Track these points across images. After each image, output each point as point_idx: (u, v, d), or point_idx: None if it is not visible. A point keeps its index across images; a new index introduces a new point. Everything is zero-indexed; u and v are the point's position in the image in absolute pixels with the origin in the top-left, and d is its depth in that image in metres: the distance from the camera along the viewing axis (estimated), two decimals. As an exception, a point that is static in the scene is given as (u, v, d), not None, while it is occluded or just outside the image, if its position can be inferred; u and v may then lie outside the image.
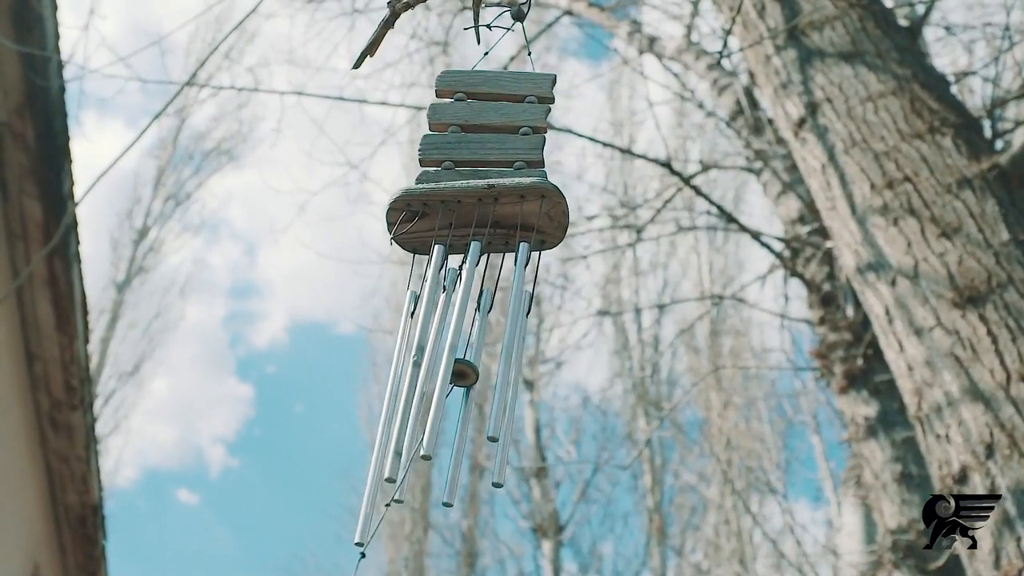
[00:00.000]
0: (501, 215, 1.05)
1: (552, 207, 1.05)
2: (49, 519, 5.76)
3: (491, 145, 1.10)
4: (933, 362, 2.44)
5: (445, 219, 1.05)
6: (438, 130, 1.11)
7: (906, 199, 2.65)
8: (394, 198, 1.06)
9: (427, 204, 1.06)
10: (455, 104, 1.12)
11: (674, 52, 6.26)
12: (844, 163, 2.83)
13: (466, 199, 1.05)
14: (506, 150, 1.09)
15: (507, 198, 1.05)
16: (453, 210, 1.05)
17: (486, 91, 1.13)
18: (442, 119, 1.11)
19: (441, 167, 1.08)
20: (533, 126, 1.10)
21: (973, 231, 2.52)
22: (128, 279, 13.45)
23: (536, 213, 1.05)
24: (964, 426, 2.32)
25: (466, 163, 1.08)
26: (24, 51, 4.41)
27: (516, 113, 1.12)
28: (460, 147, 1.10)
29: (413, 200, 1.06)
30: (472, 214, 1.05)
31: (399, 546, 12.58)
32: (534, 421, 11.80)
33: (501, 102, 1.13)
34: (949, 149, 2.70)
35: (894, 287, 2.59)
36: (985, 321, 2.38)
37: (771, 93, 3.22)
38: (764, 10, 3.29)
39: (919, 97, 2.85)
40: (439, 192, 1.04)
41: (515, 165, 1.08)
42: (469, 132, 1.11)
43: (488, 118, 1.12)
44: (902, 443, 4.18)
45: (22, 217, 4.89)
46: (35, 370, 5.27)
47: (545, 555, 11.21)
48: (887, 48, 3.02)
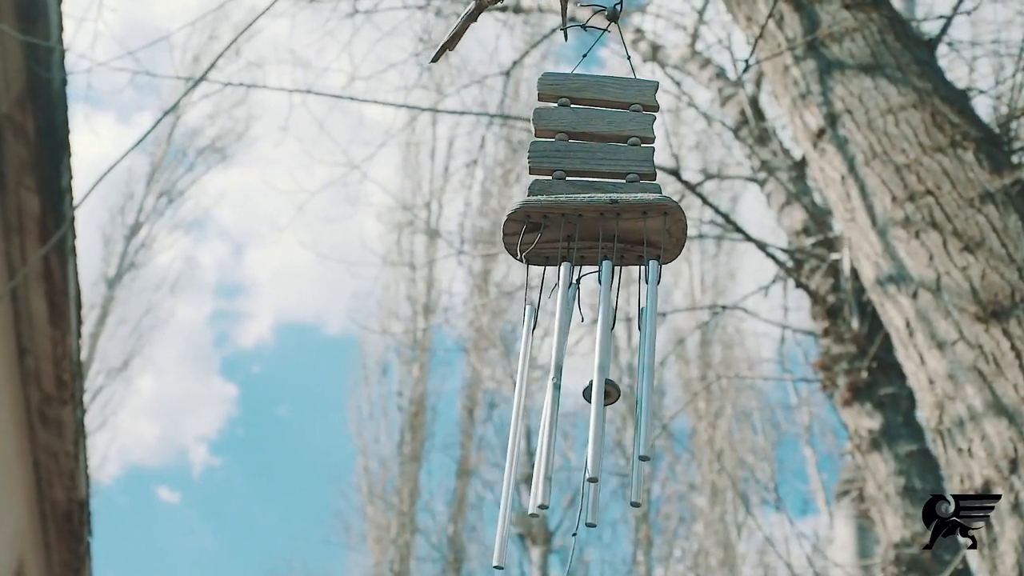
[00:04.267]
0: (621, 230, 1.04)
1: (673, 224, 1.04)
2: (35, 515, 5.70)
3: (601, 155, 1.08)
4: (955, 376, 2.43)
5: (564, 232, 1.03)
6: (544, 136, 1.08)
7: (928, 212, 2.65)
8: (514, 209, 1.04)
9: (547, 216, 1.04)
10: (560, 110, 1.10)
11: (678, 61, 6.26)
12: (865, 175, 2.83)
13: (588, 213, 1.03)
14: (618, 161, 1.07)
15: (629, 213, 1.03)
16: (574, 223, 1.03)
17: (591, 96, 1.11)
18: (548, 125, 1.09)
19: (552, 176, 1.05)
20: (641, 136, 1.08)
21: (996, 245, 2.52)
22: (119, 275, 13.37)
23: (657, 229, 1.03)
24: (987, 440, 2.32)
25: (577, 173, 1.06)
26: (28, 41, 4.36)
27: (623, 122, 1.10)
28: (570, 156, 1.08)
29: (533, 212, 1.04)
30: (591, 228, 1.03)
31: (385, 549, 12.53)
32: (525, 427, 11.78)
33: (607, 109, 1.11)
34: (971, 163, 2.70)
35: (915, 300, 2.59)
36: (1009, 336, 2.38)
37: (789, 104, 3.22)
38: (783, 20, 3.28)
39: (940, 111, 2.85)
40: (560, 205, 1.03)
41: (628, 177, 1.06)
42: (576, 140, 1.08)
43: (595, 126, 1.10)
44: (906, 456, 4.19)
45: (19, 210, 4.84)
46: (26, 364, 5.22)
47: (533, 562, 11.18)
48: (907, 61, 3.02)
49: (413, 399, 13.06)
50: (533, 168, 1.06)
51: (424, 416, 13.02)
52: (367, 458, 13.42)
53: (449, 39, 1.07)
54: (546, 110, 1.10)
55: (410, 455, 12.84)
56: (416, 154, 12.77)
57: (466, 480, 12.52)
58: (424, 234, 12.42)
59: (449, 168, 12.43)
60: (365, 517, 13.16)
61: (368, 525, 12.95)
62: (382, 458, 13.31)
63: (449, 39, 1.07)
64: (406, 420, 13.05)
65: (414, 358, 13.26)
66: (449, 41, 1.08)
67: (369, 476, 13.28)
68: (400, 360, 13.47)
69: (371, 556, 12.81)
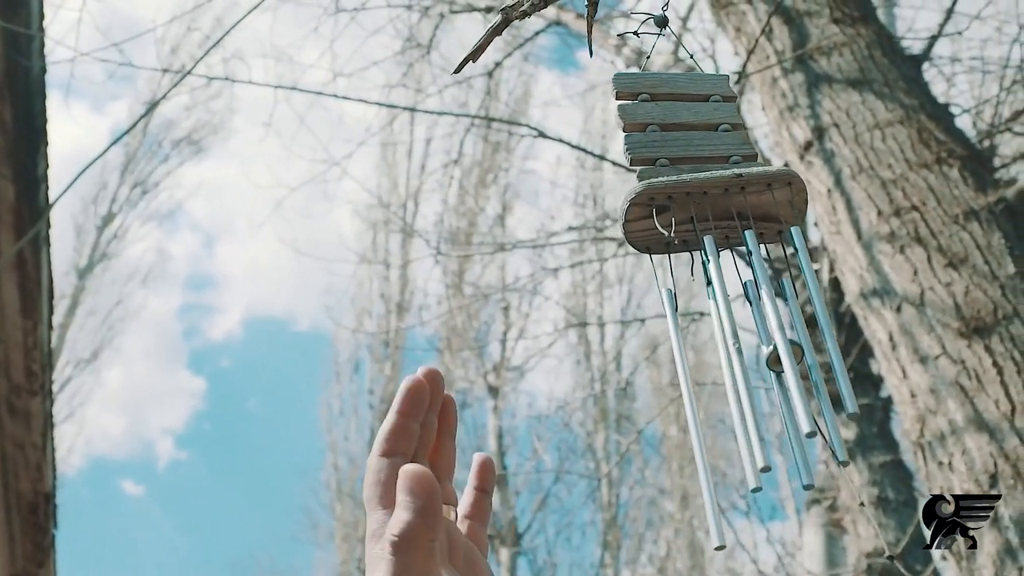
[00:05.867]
0: (746, 205, 1.02)
1: (796, 194, 1.03)
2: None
3: (699, 142, 1.06)
4: (938, 390, 2.46)
5: (691, 212, 1.01)
6: (634, 131, 1.07)
7: (913, 228, 2.68)
8: (636, 192, 1.00)
9: (671, 197, 1.01)
10: (644, 104, 1.08)
11: (661, 67, 6.29)
12: (851, 188, 2.85)
13: (712, 189, 1.00)
14: (716, 146, 1.05)
15: (754, 187, 1.01)
16: (699, 202, 1.02)
17: (668, 91, 1.09)
18: (637, 119, 1.06)
19: (656, 164, 1.04)
20: (732, 123, 1.08)
21: (980, 263, 2.55)
22: (90, 265, 13.22)
23: (782, 202, 1.02)
24: (968, 455, 2.34)
25: (680, 160, 1.04)
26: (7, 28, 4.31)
27: (708, 112, 1.08)
28: (668, 144, 1.05)
29: (657, 193, 1.00)
30: (715, 206, 1.01)
31: (353, 548, 12.49)
32: (496, 428, 11.77)
33: (689, 102, 1.10)
34: (956, 180, 2.73)
35: (899, 314, 2.61)
36: (991, 352, 2.41)
37: (776, 115, 3.24)
38: (772, 33, 3.31)
39: (926, 127, 2.88)
40: (684, 183, 1.00)
41: (731, 159, 1.05)
42: (668, 131, 1.08)
43: (683, 117, 1.08)
44: (879, 467, 4.23)
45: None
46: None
47: (502, 563, 11.17)
48: (895, 77, 3.05)
49: (384, 397, 13.02)
50: (635, 159, 1.03)
51: (395, 415, 12.95)
52: (336, 455, 13.38)
53: (473, 51, 1.07)
54: (630, 106, 1.08)
55: (380, 454, 12.77)
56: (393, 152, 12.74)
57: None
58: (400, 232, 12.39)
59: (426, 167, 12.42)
60: (333, 515, 13.12)
61: (336, 523, 12.91)
62: (351, 456, 13.28)
63: (473, 51, 1.07)
64: (377, 418, 13.01)
65: (386, 356, 13.23)
66: (473, 53, 1.07)
67: (338, 474, 13.25)
68: (372, 358, 13.44)
69: (338, 554, 12.77)
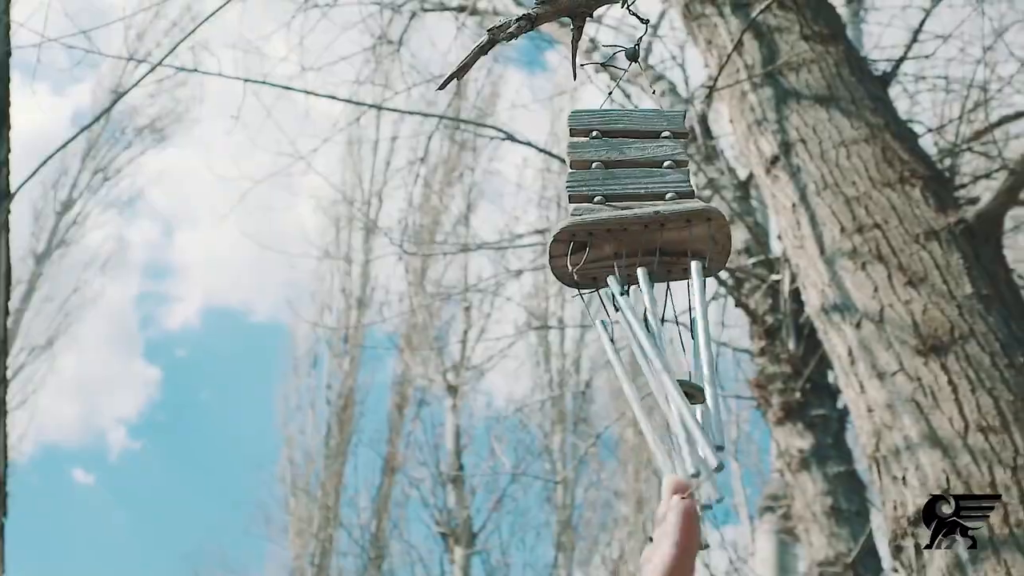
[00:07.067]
0: (666, 241, 1.06)
1: (718, 230, 1.07)
2: (-50, 494, 5.54)
3: (638, 179, 1.11)
4: (894, 406, 2.51)
5: (610, 249, 1.06)
6: (580, 168, 1.12)
7: (875, 245, 2.73)
8: (559, 229, 1.06)
9: (592, 234, 1.05)
10: (593, 141, 1.14)
11: (630, 75, 6.33)
12: (815, 204, 2.90)
13: (632, 226, 1.06)
14: (655, 183, 1.11)
15: (674, 223, 1.06)
16: (620, 240, 1.06)
17: (621, 128, 1.15)
18: (583, 156, 1.13)
19: (593, 202, 1.08)
20: (675, 160, 1.12)
21: (938, 282, 2.61)
22: (48, 251, 13.03)
23: (701, 238, 1.06)
24: (921, 470, 2.40)
25: (617, 197, 1.09)
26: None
27: (654, 149, 1.14)
28: (608, 182, 1.11)
29: (578, 230, 1.06)
30: (636, 242, 1.06)
31: (306, 543, 12.43)
32: (454, 427, 11.78)
33: (638, 139, 1.15)
34: (918, 200, 2.79)
35: (859, 330, 2.66)
36: (947, 370, 2.46)
37: (744, 129, 3.28)
38: (742, 46, 3.35)
39: (891, 147, 2.94)
40: (604, 221, 1.05)
41: (666, 197, 1.09)
42: (612, 168, 1.12)
43: (630, 154, 1.14)
44: (834, 477, 4.30)
45: (-46, 181, 4.71)
46: (-49, 341, 5.07)
47: (456, 562, 11.18)
48: (861, 96, 3.11)
49: (342, 393, 12.97)
50: (573, 196, 1.09)
51: (352, 411, 12.94)
52: (292, 450, 13.30)
53: (458, 69, 1.10)
54: (580, 143, 1.14)
55: (336, 449, 12.75)
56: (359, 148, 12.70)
57: (392, 477, 12.47)
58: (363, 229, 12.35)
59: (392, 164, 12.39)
60: (287, 509, 13.03)
61: (290, 517, 12.83)
62: (307, 451, 13.21)
63: (458, 69, 1.10)
64: (334, 413, 12.96)
65: (345, 352, 13.17)
66: (458, 71, 1.10)
67: (293, 468, 13.17)
68: (331, 353, 13.37)
69: (291, 549, 12.70)
